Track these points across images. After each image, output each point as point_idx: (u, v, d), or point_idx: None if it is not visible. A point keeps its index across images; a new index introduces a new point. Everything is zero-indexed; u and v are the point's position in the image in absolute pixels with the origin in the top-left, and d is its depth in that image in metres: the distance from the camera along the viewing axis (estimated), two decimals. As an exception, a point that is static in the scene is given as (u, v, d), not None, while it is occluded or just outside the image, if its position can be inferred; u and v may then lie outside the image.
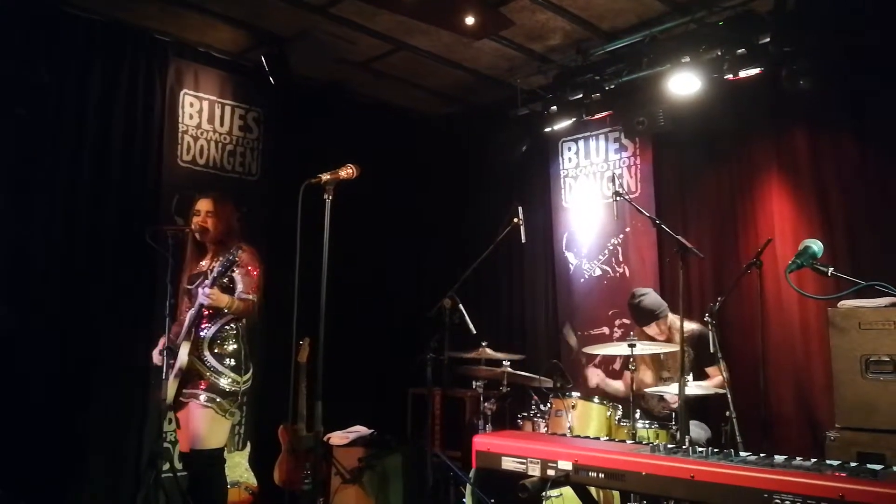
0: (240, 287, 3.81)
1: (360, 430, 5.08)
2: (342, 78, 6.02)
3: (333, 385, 3.22)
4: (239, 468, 4.76)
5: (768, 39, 4.26)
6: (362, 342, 5.87)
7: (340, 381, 3.81)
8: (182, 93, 5.31)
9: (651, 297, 4.50)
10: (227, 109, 5.57)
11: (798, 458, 2.35)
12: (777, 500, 2.04)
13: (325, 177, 3.28)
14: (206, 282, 3.68)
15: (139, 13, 4.93)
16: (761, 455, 2.42)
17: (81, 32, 4.87)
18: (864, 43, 4.25)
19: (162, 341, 3.83)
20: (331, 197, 3.26)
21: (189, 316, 3.75)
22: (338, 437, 4.98)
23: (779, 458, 2.35)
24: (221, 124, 5.54)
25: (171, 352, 3.76)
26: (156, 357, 3.90)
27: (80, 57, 4.86)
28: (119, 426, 4.81)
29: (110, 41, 4.98)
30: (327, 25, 5.09)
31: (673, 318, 4.49)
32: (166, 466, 4.75)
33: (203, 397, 3.70)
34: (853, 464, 2.29)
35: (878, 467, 2.21)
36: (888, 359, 3.80)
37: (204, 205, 3.94)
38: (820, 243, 2.51)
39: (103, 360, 4.74)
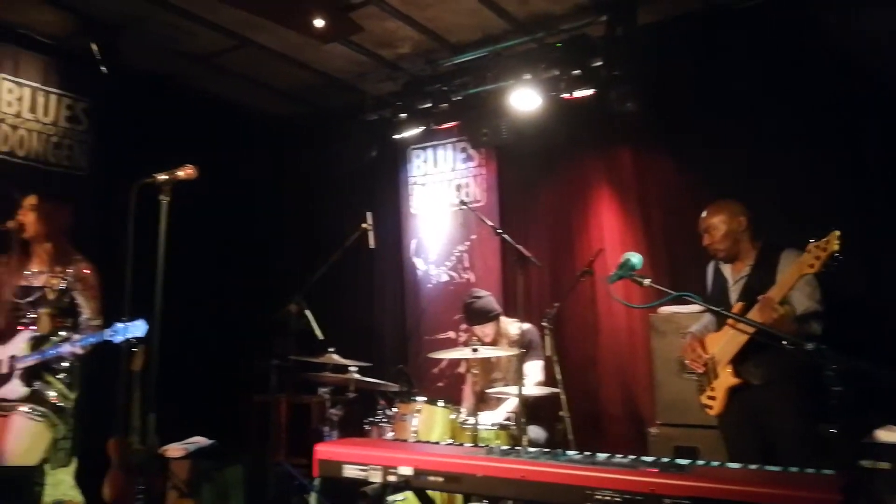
0: (86, 314, 3.64)
1: (199, 441, 4.86)
2: (181, 71, 5.73)
3: (171, 395, 3.09)
4: (63, 485, 4.39)
5: (600, 63, 4.58)
6: (202, 349, 5.62)
7: (178, 391, 3.66)
8: (-1, 78, 4.83)
9: (486, 300, 4.62)
10: (52, 98, 5.12)
11: (618, 456, 2.55)
12: (598, 497, 2.20)
13: (162, 177, 3.14)
14: (76, 339, 3.47)
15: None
16: (586, 454, 2.60)
17: None
18: (681, 72, 4.68)
19: None
20: (168, 198, 3.11)
21: (46, 354, 3.49)
22: (175, 450, 4.74)
23: (601, 456, 2.54)
24: (45, 114, 5.08)
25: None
26: None
27: None
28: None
29: None
30: (165, 15, 4.83)
31: (503, 322, 4.65)
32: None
33: (28, 409, 3.45)
34: (665, 459, 2.52)
35: (686, 462, 2.45)
36: (700, 360, 4.21)
37: (27, 200, 3.70)
38: (639, 256, 2.74)
39: None
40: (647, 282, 2.60)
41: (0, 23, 4.85)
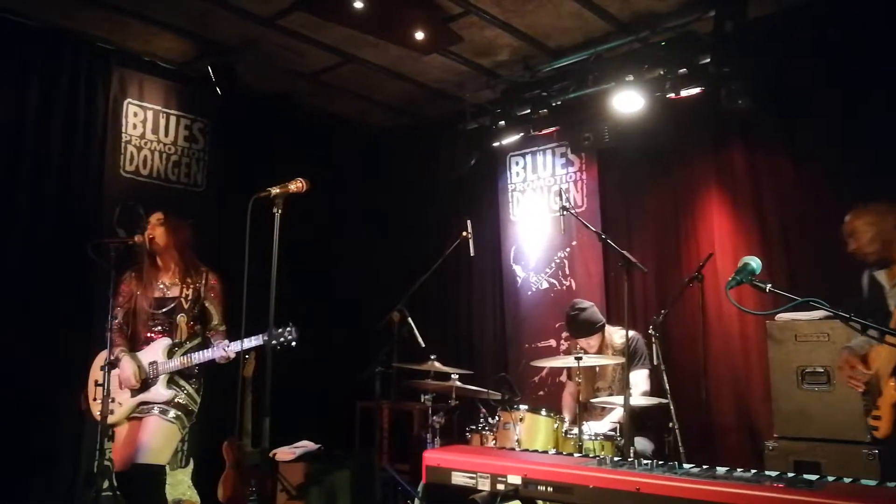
0: (214, 321, 3.86)
1: (306, 444, 5.00)
2: (289, 89, 5.97)
3: (280, 399, 3.18)
4: (182, 486, 4.64)
5: (708, 60, 4.40)
6: (309, 356, 5.78)
7: (287, 396, 3.77)
8: (126, 102, 5.19)
9: (590, 312, 4.52)
10: (173, 119, 5.47)
11: (739, 470, 2.43)
12: (719, 512, 2.10)
13: (275, 190, 3.24)
14: (227, 344, 3.70)
15: (79, 20, 4.81)
16: (704, 467, 2.49)
17: (17, 38, 4.70)
18: (798, 66, 4.44)
19: (103, 356, 3.72)
20: (280, 211, 3.22)
21: (193, 358, 3.71)
22: (284, 453, 4.90)
23: (721, 470, 2.42)
24: (166, 134, 5.43)
25: (113, 366, 3.66)
26: (96, 371, 3.79)
27: (16, 63, 4.70)
28: (54, 444, 4.64)
29: (49, 48, 4.83)
30: (275, 37, 5.05)
31: (608, 332, 4.54)
32: (105, 485, 4.59)
33: (162, 410, 3.65)
34: (790, 474, 2.37)
35: (813, 477, 2.30)
36: (822, 370, 3.96)
37: (154, 216, 3.92)
38: (758, 260, 2.59)
39: (38, 373, 4.55)
40: (768, 287, 2.45)
41: (128, 52, 5.24)
